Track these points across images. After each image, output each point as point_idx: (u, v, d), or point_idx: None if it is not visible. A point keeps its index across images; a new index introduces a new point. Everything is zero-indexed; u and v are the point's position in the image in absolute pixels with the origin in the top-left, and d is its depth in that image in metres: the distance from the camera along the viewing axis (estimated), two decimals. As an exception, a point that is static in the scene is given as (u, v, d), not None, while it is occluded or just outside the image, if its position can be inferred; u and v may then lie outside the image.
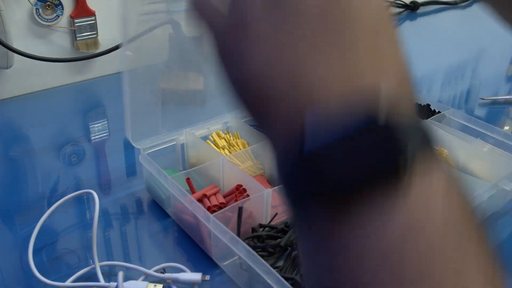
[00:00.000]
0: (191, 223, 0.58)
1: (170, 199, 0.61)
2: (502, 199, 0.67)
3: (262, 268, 0.47)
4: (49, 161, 0.78)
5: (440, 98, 0.99)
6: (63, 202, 0.59)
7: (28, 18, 0.92)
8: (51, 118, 0.90)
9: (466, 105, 1.01)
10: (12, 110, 0.92)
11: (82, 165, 0.77)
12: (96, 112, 0.94)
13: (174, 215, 0.62)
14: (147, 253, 0.59)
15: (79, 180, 0.72)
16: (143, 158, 0.64)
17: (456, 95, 1.04)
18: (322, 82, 0.20)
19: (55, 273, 0.54)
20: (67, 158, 0.78)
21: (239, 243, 0.50)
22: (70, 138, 0.84)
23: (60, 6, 0.93)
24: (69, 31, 0.97)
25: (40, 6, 0.91)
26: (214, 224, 0.52)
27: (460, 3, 1.66)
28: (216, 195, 0.60)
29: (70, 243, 0.60)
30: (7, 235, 0.62)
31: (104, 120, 0.89)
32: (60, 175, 0.74)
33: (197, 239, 0.59)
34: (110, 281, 0.52)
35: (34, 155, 0.80)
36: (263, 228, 0.56)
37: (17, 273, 0.56)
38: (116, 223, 0.64)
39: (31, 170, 0.76)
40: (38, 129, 0.87)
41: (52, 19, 0.93)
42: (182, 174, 0.63)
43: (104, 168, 0.76)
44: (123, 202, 0.67)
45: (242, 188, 0.60)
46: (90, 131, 0.86)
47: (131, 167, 0.76)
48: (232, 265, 0.55)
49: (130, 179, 0.73)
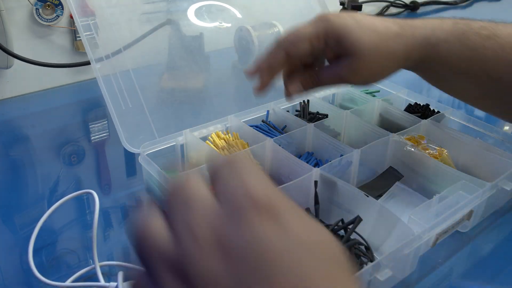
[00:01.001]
0: (191, 224, 0.58)
1: (170, 199, 0.61)
2: (502, 199, 0.67)
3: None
4: (49, 161, 0.78)
5: (440, 98, 0.98)
6: (63, 202, 0.59)
7: (28, 18, 0.92)
8: (51, 118, 0.90)
9: (465, 105, 1.00)
10: (12, 110, 0.92)
11: (82, 165, 0.77)
12: (96, 112, 0.94)
13: (174, 215, 0.62)
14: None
15: (79, 180, 0.73)
16: (143, 159, 0.64)
17: (456, 95, 1.04)
18: None
19: (55, 273, 0.54)
20: (67, 158, 0.78)
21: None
22: (70, 138, 0.84)
23: (60, 6, 0.93)
24: (69, 31, 0.97)
25: (40, 6, 0.91)
26: (214, 224, 0.52)
27: (460, 3, 1.66)
28: (216, 196, 0.60)
29: (70, 243, 0.60)
30: (7, 235, 0.62)
31: (104, 120, 0.89)
32: (60, 175, 0.74)
33: (197, 240, 0.59)
34: (110, 281, 0.52)
35: (34, 155, 0.80)
36: (263, 229, 0.56)
37: (17, 273, 0.56)
38: (116, 223, 0.64)
39: (31, 170, 0.76)
40: (38, 129, 0.87)
41: (52, 19, 0.93)
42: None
43: (104, 168, 0.77)
44: (123, 202, 0.67)
45: (242, 189, 0.59)
46: (90, 131, 0.86)
47: (131, 167, 0.76)
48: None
49: (130, 179, 0.73)
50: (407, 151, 0.67)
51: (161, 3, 0.82)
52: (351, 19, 0.52)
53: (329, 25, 0.52)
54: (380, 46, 0.52)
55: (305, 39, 0.52)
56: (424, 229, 0.52)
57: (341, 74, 0.53)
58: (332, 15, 0.53)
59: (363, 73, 0.53)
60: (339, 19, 0.52)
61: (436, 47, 0.52)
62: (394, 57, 0.53)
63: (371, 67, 0.53)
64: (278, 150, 0.66)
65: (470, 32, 0.52)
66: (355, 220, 0.52)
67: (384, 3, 1.52)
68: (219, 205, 0.25)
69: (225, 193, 0.25)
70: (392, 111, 0.78)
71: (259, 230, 0.23)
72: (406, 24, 0.53)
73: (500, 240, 0.63)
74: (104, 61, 0.70)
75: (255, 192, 0.24)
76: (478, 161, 0.68)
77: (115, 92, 0.69)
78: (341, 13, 0.56)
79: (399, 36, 0.52)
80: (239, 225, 0.23)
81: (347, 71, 0.53)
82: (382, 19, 0.54)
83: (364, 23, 0.52)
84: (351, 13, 0.54)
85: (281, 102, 0.79)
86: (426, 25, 0.54)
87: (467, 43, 0.52)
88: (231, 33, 0.87)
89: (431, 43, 0.53)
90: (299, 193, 0.61)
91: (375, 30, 0.52)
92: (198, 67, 0.82)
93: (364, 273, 0.47)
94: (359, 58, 0.51)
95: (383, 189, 0.67)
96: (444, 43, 0.52)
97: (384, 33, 0.52)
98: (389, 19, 0.54)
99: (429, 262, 0.57)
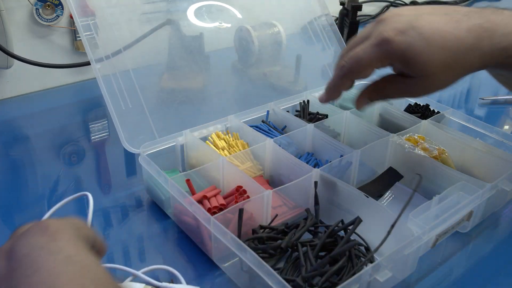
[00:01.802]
0: (191, 225, 0.59)
1: (170, 200, 0.61)
2: (502, 199, 0.67)
3: (262, 270, 0.47)
4: (49, 161, 0.78)
5: (440, 98, 0.99)
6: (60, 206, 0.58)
7: (28, 18, 0.92)
8: (51, 118, 0.90)
9: (465, 105, 1.01)
10: (12, 110, 0.92)
11: (82, 165, 0.77)
12: (96, 112, 0.94)
13: (174, 216, 0.62)
14: (147, 254, 0.59)
15: (79, 180, 0.73)
16: (143, 159, 0.64)
17: (455, 95, 1.04)
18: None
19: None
20: (67, 158, 0.78)
21: (240, 245, 0.50)
22: (70, 138, 0.84)
23: (60, 6, 0.93)
24: (69, 31, 0.97)
25: (40, 6, 0.91)
26: (214, 225, 0.52)
27: (460, 3, 1.66)
28: (216, 197, 0.60)
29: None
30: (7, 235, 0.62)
31: (104, 120, 0.89)
32: (60, 175, 0.74)
33: (197, 241, 0.59)
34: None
35: (34, 155, 0.80)
36: (263, 230, 0.56)
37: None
38: (116, 224, 0.64)
39: (31, 170, 0.76)
40: (38, 129, 0.87)
41: (52, 19, 0.93)
42: (182, 175, 0.62)
43: (104, 168, 0.77)
44: (122, 203, 0.67)
45: (242, 189, 0.60)
46: (90, 131, 0.86)
47: (131, 168, 0.76)
48: (232, 267, 0.55)
49: (129, 180, 0.73)
50: (407, 151, 0.67)
51: (161, 3, 0.82)
52: (417, 36, 0.47)
53: (393, 49, 0.48)
54: (453, 65, 0.48)
55: (368, 66, 0.50)
56: (424, 230, 0.53)
57: (411, 91, 0.52)
58: (394, 33, 0.48)
59: (435, 89, 0.51)
60: (404, 40, 0.47)
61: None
62: (466, 69, 0.49)
63: (444, 83, 0.50)
64: (278, 150, 0.66)
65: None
66: (355, 221, 0.52)
67: (384, 3, 1.52)
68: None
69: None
70: (392, 112, 0.78)
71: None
72: (483, 29, 0.47)
73: (500, 241, 0.63)
74: (104, 61, 0.70)
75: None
76: (478, 161, 0.68)
77: (115, 92, 0.69)
78: (403, 20, 0.48)
79: (474, 49, 0.47)
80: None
81: (418, 89, 0.51)
82: (454, 24, 0.48)
83: (434, 39, 0.47)
84: (415, 21, 0.48)
85: (281, 102, 0.79)
86: (506, 30, 0.47)
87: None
88: (231, 33, 0.87)
89: (510, 54, 0.48)
90: (299, 194, 0.61)
91: (445, 47, 0.47)
92: (198, 67, 0.82)
93: (364, 274, 0.47)
94: (432, 78, 0.49)
95: (383, 189, 0.67)
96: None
97: (456, 48, 0.47)
98: (463, 20, 0.48)
99: (429, 262, 0.57)
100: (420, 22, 0.48)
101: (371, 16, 1.45)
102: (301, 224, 0.56)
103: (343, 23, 1.14)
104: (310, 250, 0.51)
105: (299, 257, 0.51)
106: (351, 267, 0.49)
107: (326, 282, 0.47)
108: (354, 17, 1.11)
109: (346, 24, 1.12)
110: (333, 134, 0.74)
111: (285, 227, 0.56)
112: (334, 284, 0.47)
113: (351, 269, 0.49)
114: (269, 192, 0.57)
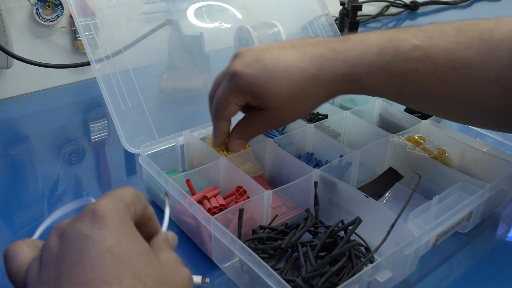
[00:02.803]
0: (191, 225, 0.59)
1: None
2: (502, 200, 0.67)
3: (262, 270, 0.47)
4: (49, 161, 0.78)
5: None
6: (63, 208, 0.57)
7: (28, 18, 0.92)
8: (51, 118, 0.91)
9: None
10: (12, 110, 0.92)
11: (82, 165, 0.77)
12: (96, 112, 0.94)
13: (174, 216, 0.62)
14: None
15: (79, 180, 0.73)
16: (143, 160, 0.64)
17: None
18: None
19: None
20: (67, 158, 0.78)
21: (240, 245, 0.50)
22: (70, 138, 0.84)
23: (60, 6, 0.93)
24: (69, 31, 0.97)
25: (40, 6, 0.91)
26: (214, 226, 0.52)
27: (460, 3, 1.66)
28: (216, 197, 0.60)
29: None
30: (7, 235, 0.62)
31: (104, 120, 0.89)
32: (60, 175, 0.74)
33: (197, 241, 0.59)
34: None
35: (34, 155, 0.80)
36: (263, 230, 0.56)
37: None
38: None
39: (31, 170, 0.76)
40: (38, 129, 0.87)
41: (52, 19, 0.93)
42: (182, 175, 0.62)
43: (103, 168, 0.77)
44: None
45: (242, 190, 0.60)
46: (90, 131, 0.86)
47: (130, 167, 0.76)
48: (232, 267, 0.55)
49: (129, 180, 0.73)
50: (407, 151, 0.67)
51: (161, 3, 0.82)
52: (261, 68, 0.49)
53: (242, 82, 0.50)
54: (300, 95, 0.49)
55: (228, 104, 0.52)
56: (424, 230, 0.53)
57: (270, 124, 0.54)
58: (242, 67, 0.50)
59: (289, 119, 0.54)
60: (250, 72, 0.49)
61: (358, 82, 0.49)
62: (314, 99, 0.51)
63: (295, 114, 0.53)
64: (278, 150, 0.66)
65: (398, 59, 0.48)
66: (355, 221, 0.52)
67: (384, 3, 1.52)
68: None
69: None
70: (392, 112, 0.78)
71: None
72: (325, 58, 0.49)
73: (500, 241, 0.63)
74: (104, 61, 0.70)
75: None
76: (478, 161, 0.68)
77: (115, 92, 0.69)
78: (252, 54, 0.50)
79: (316, 79, 0.49)
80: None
81: (274, 120, 0.53)
82: (299, 55, 0.49)
83: (276, 71, 0.48)
84: (260, 54, 0.50)
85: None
86: (348, 57, 0.49)
87: (394, 71, 0.48)
88: (231, 33, 0.87)
89: (353, 79, 0.49)
90: (299, 194, 0.61)
91: (289, 79, 0.48)
92: (198, 67, 0.82)
93: (364, 274, 0.47)
94: (281, 109, 0.51)
95: (383, 190, 0.67)
96: (366, 78, 0.49)
97: (300, 79, 0.49)
98: (309, 51, 0.50)
99: (429, 263, 0.57)
100: (265, 55, 0.50)
101: (371, 16, 1.45)
102: (301, 224, 0.56)
103: (343, 23, 1.14)
104: (310, 250, 0.51)
105: (299, 258, 0.51)
106: (351, 268, 0.49)
107: (326, 283, 0.47)
108: (354, 17, 1.11)
109: (346, 24, 1.12)
110: (333, 134, 0.74)
111: (285, 227, 0.56)
112: (334, 285, 0.47)
113: (351, 270, 0.49)
114: (269, 192, 0.57)
